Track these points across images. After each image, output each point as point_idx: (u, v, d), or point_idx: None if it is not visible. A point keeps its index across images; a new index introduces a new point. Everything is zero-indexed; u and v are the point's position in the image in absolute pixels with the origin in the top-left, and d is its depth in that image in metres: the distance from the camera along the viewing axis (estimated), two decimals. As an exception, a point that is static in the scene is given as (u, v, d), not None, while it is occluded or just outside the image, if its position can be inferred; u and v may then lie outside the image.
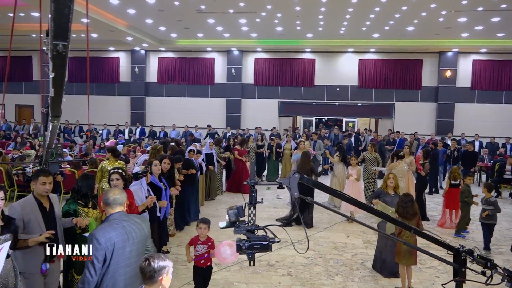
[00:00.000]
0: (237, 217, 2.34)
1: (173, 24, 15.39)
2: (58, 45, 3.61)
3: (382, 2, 11.60)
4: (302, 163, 8.17)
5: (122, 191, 3.26)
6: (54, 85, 4.51)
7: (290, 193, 2.43)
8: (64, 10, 3.29)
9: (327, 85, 19.47)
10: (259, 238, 2.32)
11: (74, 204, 4.08)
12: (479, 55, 18.36)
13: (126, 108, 20.67)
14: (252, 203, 2.36)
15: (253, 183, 2.37)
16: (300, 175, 2.41)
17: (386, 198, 5.59)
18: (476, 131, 17.32)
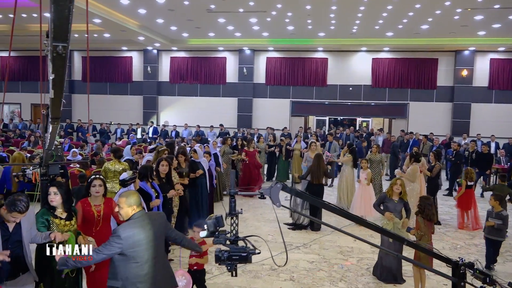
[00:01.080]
0: (216, 227, 2.28)
1: (184, 24, 15.40)
2: (58, 46, 3.57)
3: (394, 1, 11.35)
4: (315, 165, 8.02)
5: (136, 192, 3.45)
6: (54, 86, 4.49)
7: (274, 204, 2.33)
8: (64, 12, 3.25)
9: (339, 85, 19.22)
10: (238, 249, 2.27)
11: (47, 214, 3.83)
12: (497, 53, 17.86)
13: (139, 107, 20.81)
14: (232, 213, 2.28)
15: (233, 193, 2.29)
16: (282, 185, 2.31)
17: (389, 204, 5.44)
18: (493, 132, 16.85)
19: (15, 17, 13.20)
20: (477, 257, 6.67)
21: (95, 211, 4.27)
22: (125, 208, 3.20)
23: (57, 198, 3.86)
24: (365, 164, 8.81)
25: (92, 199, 4.30)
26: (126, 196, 3.23)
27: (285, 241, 2.31)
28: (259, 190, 2.43)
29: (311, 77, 19.32)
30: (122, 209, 3.22)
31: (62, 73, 4.25)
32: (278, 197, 2.31)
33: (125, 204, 3.19)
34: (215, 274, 5.74)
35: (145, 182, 5.30)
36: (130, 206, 3.19)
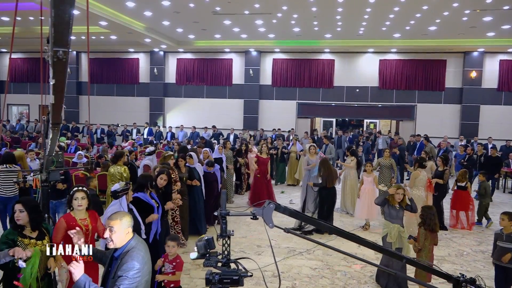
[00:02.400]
0: (207, 249, 2.22)
1: (190, 26, 15.39)
2: (58, 51, 3.55)
3: (401, 2, 11.22)
4: (326, 170, 7.96)
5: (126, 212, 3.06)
6: (54, 92, 4.47)
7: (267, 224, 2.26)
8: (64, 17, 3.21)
9: (346, 86, 19.09)
10: (229, 272, 2.20)
11: (13, 234, 3.50)
12: (506, 55, 17.61)
13: (145, 108, 20.87)
14: (223, 235, 2.22)
15: (224, 214, 2.23)
16: (275, 205, 2.25)
17: (392, 211, 5.34)
18: (503, 134, 16.63)
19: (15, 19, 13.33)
20: (483, 265, 6.56)
21: (83, 226, 3.89)
22: (120, 232, 2.75)
23: (22, 215, 3.51)
24: (369, 167, 8.68)
25: (75, 213, 3.96)
26: (120, 218, 2.80)
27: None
28: (251, 211, 2.35)
29: (317, 78, 19.22)
30: (115, 234, 2.74)
31: (63, 79, 4.22)
32: (271, 218, 2.24)
33: (121, 228, 2.76)
34: (216, 281, 5.69)
35: (145, 193, 5.03)
36: (125, 230, 2.80)
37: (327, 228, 2.49)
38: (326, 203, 7.89)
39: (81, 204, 3.92)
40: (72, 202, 3.94)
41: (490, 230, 8.69)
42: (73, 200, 3.93)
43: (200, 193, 7.76)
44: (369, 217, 8.40)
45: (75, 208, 3.95)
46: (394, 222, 5.29)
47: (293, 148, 12.99)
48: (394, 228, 5.22)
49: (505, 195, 12.77)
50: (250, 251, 6.92)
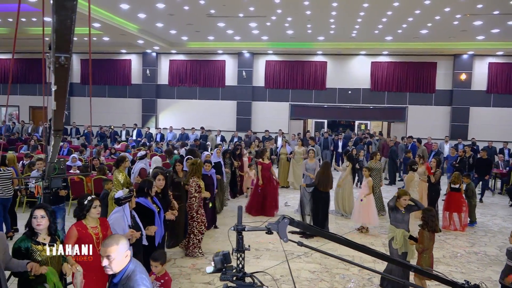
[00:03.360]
0: (223, 264, 2.26)
1: (183, 28, 15.39)
2: (60, 57, 3.55)
3: (395, 6, 11.38)
4: (323, 173, 8.06)
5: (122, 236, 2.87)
6: (56, 98, 4.46)
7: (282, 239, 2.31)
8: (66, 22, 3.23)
9: (338, 88, 19.25)
10: (246, 285, 2.24)
11: (27, 241, 3.50)
12: (495, 57, 17.93)
13: (137, 110, 20.78)
14: (239, 249, 2.27)
15: (240, 229, 2.28)
16: (289, 220, 2.31)
17: (398, 215, 5.42)
18: (491, 136, 16.95)
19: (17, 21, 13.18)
20: (477, 266, 6.70)
21: (93, 234, 3.89)
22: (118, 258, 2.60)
23: (44, 221, 3.56)
24: (366, 172, 8.79)
25: (87, 220, 3.94)
26: (117, 243, 2.62)
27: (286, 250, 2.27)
28: (266, 225, 2.40)
29: (310, 80, 19.34)
30: (114, 260, 2.59)
31: (65, 85, 4.21)
32: (286, 232, 2.30)
33: (118, 254, 2.59)
34: (216, 285, 5.74)
35: (146, 198, 5.01)
36: (124, 253, 2.63)
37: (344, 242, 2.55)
38: (320, 205, 7.95)
39: (99, 211, 3.97)
40: (90, 211, 3.91)
41: (482, 231, 8.89)
42: (92, 209, 3.91)
43: None
44: (364, 221, 8.47)
45: (92, 216, 3.93)
46: (400, 227, 5.36)
47: (283, 150, 13.04)
48: (399, 233, 5.29)
49: (495, 196, 13.01)
50: (248, 255, 6.92)
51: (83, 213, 3.92)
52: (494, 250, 7.62)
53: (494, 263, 6.98)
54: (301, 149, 12.76)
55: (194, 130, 18.21)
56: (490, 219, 10.02)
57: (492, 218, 10.11)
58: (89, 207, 3.90)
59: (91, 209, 3.91)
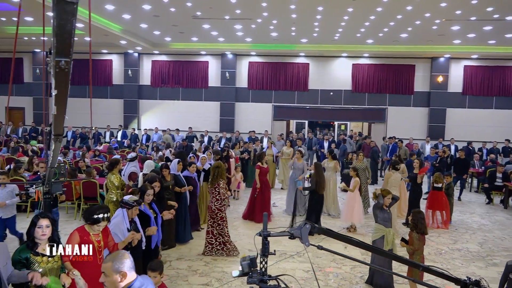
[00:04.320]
0: (250, 268, 2.38)
1: (168, 29, 15.35)
2: (60, 61, 3.57)
3: (378, 11, 11.70)
4: (320, 175, 8.26)
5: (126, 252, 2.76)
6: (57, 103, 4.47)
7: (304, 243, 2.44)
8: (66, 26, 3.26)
9: (320, 89, 19.58)
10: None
11: (26, 252, 3.42)
12: (470, 61, 18.61)
13: (119, 111, 20.55)
14: (265, 254, 2.39)
15: (266, 234, 2.40)
16: (311, 225, 2.44)
17: (386, 215, 5.66)
18: (467, 136, 17.64)
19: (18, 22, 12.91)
20: (461, 262, 7.03)
21: (95, 241, 3.88)
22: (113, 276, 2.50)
23: (48, 230, 3.54)
24: (353, 172, 9.05)
25: (90, 227, 3.93)
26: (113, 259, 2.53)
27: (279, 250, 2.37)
28: (288, 231, 2.53)
29: (292, 81, 19.59)
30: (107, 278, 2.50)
31: (66, 89, 4.23)
32: (307, 237, 2.43)
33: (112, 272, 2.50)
34: (215, 287, 5.84)
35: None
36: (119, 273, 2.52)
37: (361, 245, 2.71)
38: (315, 207, 8.16)
39: (105, 225, 4.02)
40: (99, 223, 3.91)
41: (463, 228, 9.29)
42: (102, 221, 3.93)
43: (186, 200, 7.83)
44: (353, 220, 8.73)
45: (98, 227, 3.94)
46: (387, 226, 5.60)
47: (269, 151, 13.11)
48: (389, 233, 5.53)
49: (472, 194, 13.57)
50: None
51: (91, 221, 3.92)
52: (476, 247, 8.00)
53: (477, 259, 7.34)
54: (290, 149, 12.94)
55: (178, 131, 18.16)
56: (469, 216, 10.45)
57: (471, 216, 10.56)
58: (100, 220, 3.92)
59: (101, 221, 3.93)
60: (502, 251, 7.83)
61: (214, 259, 6.86)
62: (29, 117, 20.58)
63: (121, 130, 18.86)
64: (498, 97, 18.60)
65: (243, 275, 2.43)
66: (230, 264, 6.66)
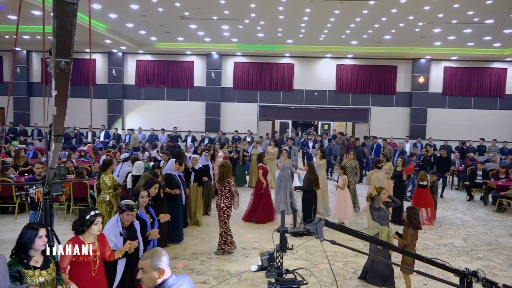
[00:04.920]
0: (270, 262, 2.46)
1: (154, 28, 15.29)
2: (60, 62, 3.60)
3: (364, 14, 11.97)
4: (312, 174, 8.42)
5: (163, 250, 2.72)
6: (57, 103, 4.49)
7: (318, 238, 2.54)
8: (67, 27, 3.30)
9: (305, 90, 19.82)
10: (288, 281, 2.45)
11: (17, 265, 3.17)
12: (450, 62, 19.17)
13: (103, 111, 20.30)
14: (283, 249, 2.50)
15: (283, 230, 2.50)
16: (325, 221, 2.54)
17: (381, 213, 5.85)
18: (447, 135, 18.17)
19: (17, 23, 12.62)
20: (447, 257, 7.30)
21: (90, 251, 3.68)
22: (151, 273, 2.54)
23: (46, 240, 3.37)
24: (340, 170, 9.27)
25: (85, 236, 3.73)
26: (151, 256, 2.58)
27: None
28: (304, 227, 2.63)
29: (278, 82, 19.77)
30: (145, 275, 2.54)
31: (66, 90, 4.27)
32: (322, 232, 2.53)
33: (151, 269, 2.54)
34: (213, 284, 5.92)
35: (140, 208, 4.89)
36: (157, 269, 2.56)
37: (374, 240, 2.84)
38: (310, 205, 8.32)
39: (100, 228, 3.77)
40: (91, 227, 3.69)
41: (447, 224, 9.62)
42: (93, 225, 3.70)
43: (180, 199, 7.85)
44: (341, 216, 8.96)
45: (91, 233, 3.73)
46: (384, 223, 5.79)
47: (254, 151, 13.21)
48: (384, 231, 5.72)
49: (453, 191, 14.01)
50: (237, 254, 7.19)
51: (83, 228, 3.70)
52: (460, 242, 8.32)
53: (462, 253, 7.64)
54: (275, 149, 13.13)
55: (164, 131, 18.11)
56: (452, 213, 10.82)
57: (454, 212, 10.93)
58: (90, 223, 3.68)
59: (92, 225, 3.69)
60: (485, 245, 8.16)
61: (209, 258, 6.94)
62: (9, 117, 20.12)
63: (103, 130, 18.65)
64: (476, 97, 19.23)
65: (262, 269, 2.51)
66: (225, 262, 6.76)
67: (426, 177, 9.46)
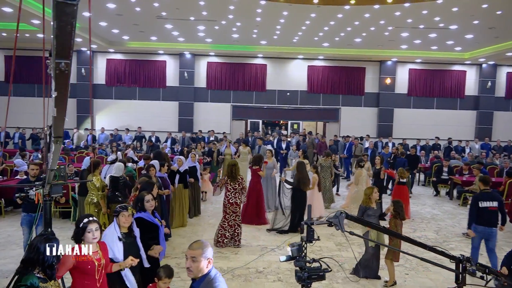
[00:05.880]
0: (299, 252, 2.71)
1: (128, 27, 15.13)
2: (60, 63, 3.67)
3: (339, 17, 12.42)
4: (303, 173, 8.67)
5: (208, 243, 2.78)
6: (56, 104, 4.53)
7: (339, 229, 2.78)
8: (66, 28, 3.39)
9: (278, 90, 20.18)
10: (315, 269, 2.71)
11: (34, 278, 2.95)
12: (414, 64, 20.12)
13: (72, 111, 19.74)
14: (310, 240, 2.73)
15: (310, 223, 2.74)
16: (345, 214, 2.79)
17: (370, 212, 6.18)
18: (411, 134, 19.09)
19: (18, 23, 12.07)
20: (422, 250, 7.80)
21: (95, 260, 3.50)
22: (202, 262, 2.66)
23: None
24: (313, 169, 9.64)
25: (85, 245, 3.52)
26: (203, 247, 2.70)
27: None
28: (326, 219, 2.87)
29: (251, 82, 20.02)
30: (195, 264, 2.66)
31: (66, 91, 4.33)
32: (343, 225, 2.78)
33: (203, 259, 2.67)
34: (208, 281, 6.07)
35: (147, 212, 4.82)
36: (207, 259, 2.70)
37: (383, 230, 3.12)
38: (299, 204, 8.53)
39: (96, 236, 3.52)
40: (84, 235, 3.48)
41: (419, 218, 10.21)
42: (86, 233, 3.47)
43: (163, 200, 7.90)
44: (315, 214, 9.34)
45: (88, 241, 3.50)
46: (372, 221, 6.13)
47: (227, 151, 13.35)
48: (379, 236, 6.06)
49: (420, 187, 14.79)
50: (227, 251, 7.37)
51: (79, 237, 3.51)
52: (433, 234, 8.89)
53: (435, 244, 8.02)
54: (246, 149, 13.31)
55: (128, 131, 17.93)
56: (422, 208, 11.47)
57: (423, 207, 11.58)
58: (83, 231, 3.47)
59: (85, 233, 3.46)
60: (455, 237, 8.76)
61: (200, 256, 7.07)
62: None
63: (76, 133, 18.19)
64: (438, 98, 20.29)
65: (291, 259, 2.74)
66: (216, 259, 6.90)
67: (406, 174, 9.92)
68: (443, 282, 6.29)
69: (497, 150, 17.21)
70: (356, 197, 9.99)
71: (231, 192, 7.46)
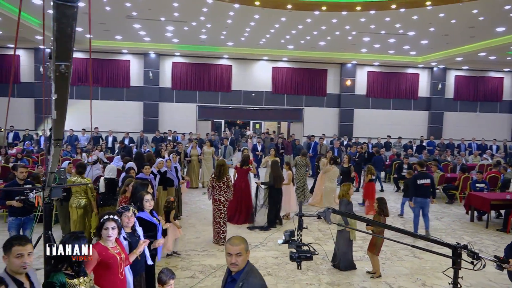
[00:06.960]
0: (290, 237, 3.24)
1: (93, 26, 14.78)
2: (60, 65, 3.79)
3: (307, 22, 12.92)
4: (277, 171, 9.00)
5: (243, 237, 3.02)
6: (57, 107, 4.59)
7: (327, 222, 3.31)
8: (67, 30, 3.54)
9: (243, 90, 20.48)
10: (304, 251, 3.21)
11: (61, 275, 3.02)
12: (372, 67, 21.18)
13: (29, 111, 18.97)
14: (301, 228, 3.26)
15: (300, 215, 3.30)
16: (332, 209, 3.29)
17: (349, 206, 6.63)
18: (370, 134, 20.10)
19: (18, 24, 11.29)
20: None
21: (115, 254, 3.65)
22: (245, 255, 2.94)
23: None
24: (286, 166, 10.08)
25: (105, 241, 3.68)
26: (243, 241, 2.94)
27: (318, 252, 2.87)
28: (317, 213, 3.34)
29: (216, 82, 20.17)
30: (241, 257, 2.90)
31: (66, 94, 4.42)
32: (330, 218, 3.32)
33: (245, 251, 2.94)
34: (201, 278, 6.26)
35: (145, 211, 4.90)
36: (248, 251, 2.99)
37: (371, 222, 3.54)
38: (276, 200, 8.93)
39: (111, 235, 3.62)
40: (102, 232, 3.62)
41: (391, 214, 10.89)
42: (103, 229, 3.61)
43: None
44: (291, 209, 9.80)
45: (104, 238, 3.64)
46: (351, 213, 6.59)
47: (194, 152, 13.40)
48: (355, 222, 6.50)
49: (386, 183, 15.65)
50: (213, 249, 7.57)
51: (99, 233, 3.64)
52: (400, 227, 9.55)
53: (405, 236, 8.81)
54: (210, 149, 13.50)
55: (84, 131, 17.54)
56: (387, 203, 12.20)
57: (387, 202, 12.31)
58: (101, 227, 3.62)
59: (102, 229, 3.62)
60: (421, 228, 9.45)
61: (187, 255, 7.22)
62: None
63: (12, 131, 17.47)
64: (394, 99, 21.50)
65: (285, 242, 3.25)
66: (205, 257, 7.11)
67: (375, 172, 10.59)
68: (417, 269, 6.88)
69: (441, 148, 18.59)
70: (326, 194, 10.58)
71: (216, 190, 7.80)
